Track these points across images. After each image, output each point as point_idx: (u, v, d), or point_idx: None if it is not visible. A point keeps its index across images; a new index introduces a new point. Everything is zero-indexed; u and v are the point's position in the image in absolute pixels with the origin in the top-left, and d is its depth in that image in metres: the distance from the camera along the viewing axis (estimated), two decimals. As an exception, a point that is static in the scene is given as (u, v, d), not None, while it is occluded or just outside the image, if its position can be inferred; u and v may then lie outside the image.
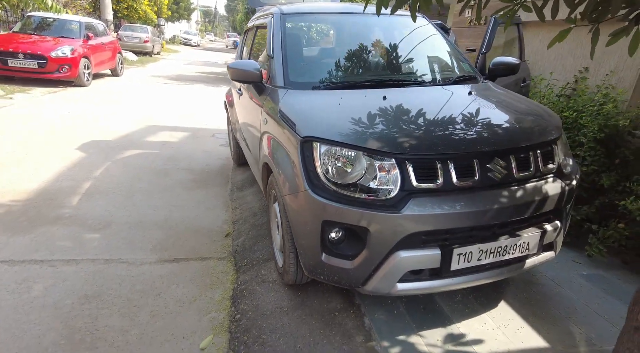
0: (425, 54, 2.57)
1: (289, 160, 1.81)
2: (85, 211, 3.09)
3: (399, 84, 2.26)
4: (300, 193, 1.68)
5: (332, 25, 2.62)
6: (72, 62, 8.31)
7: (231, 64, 2.37)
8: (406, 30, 2.68)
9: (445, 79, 2.42)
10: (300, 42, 2.54)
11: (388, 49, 2.51)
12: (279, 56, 2.34)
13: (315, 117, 1.83)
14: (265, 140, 2.22)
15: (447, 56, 2.64)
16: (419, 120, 1.79)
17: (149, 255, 2.58)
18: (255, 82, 2.37)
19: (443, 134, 1.69)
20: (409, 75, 2.44)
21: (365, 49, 2.47)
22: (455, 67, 2.57)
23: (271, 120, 2.14)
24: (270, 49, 2.43)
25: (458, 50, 2.73)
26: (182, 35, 35.13)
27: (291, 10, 2.64)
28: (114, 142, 4.97)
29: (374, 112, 1.84)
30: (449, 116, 1.83)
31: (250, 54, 3.18)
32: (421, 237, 1.58)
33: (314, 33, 2.56)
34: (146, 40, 18.16)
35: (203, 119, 6.69)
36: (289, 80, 2.22)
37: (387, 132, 1.69)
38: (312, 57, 2.40)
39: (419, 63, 2.51)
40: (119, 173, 3.95)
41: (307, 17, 2.63)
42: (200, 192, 3.68)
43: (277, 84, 2.25)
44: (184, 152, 4.81)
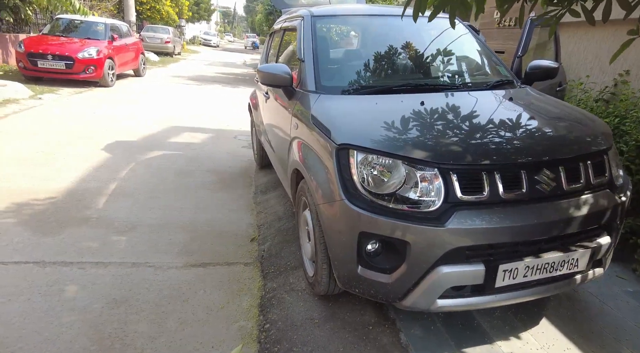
0: (461, 57, 2.48)
1: (323, 168, 1.75)
2: (111, 212, 3.11)
3: (434, 89, 2.17)
4: (335, 203, 1.62)
5: (363, 27, 2.55)
6: (98, 63, 8.47)
7: (261, 67, 2.33)
8: (439, 32, 2.59)
9: (483, 84, 2.32)
10: (332, 45, 2.48)
11: (422, 52, 2.43)
12: (309, 60, 2.29)
13: (350, 123, 1.77)
14: (296, 146, 2.17)
15: (483, 59, 2.54)
16: (461, 127, 1.70)
17: (175, 259, 2.56)
18: (285, 86, 2.32)
19: (488, 142, 1.61)
20: (445, 80, 2.35)
21: (398, 52, 2.39)
22: (491, 71, 2.47)
23: (302, 125, 2.09)
24: (301, 52, 2.38)
25: (493, 53, 2.62)
26: (202, 36, 35.61)
27: (321, 12, 2.59)
28: (138, 142, 5.01)
29: (413, 119, 1.77)
30: (492, 123, 1.74)
31: (277, 57, 3.14)
32: (465, 251, 1.49)
33: (345, 36, 2.49)
34: (167, 41, 18.45)
35: (224, 120, 6.71)
36: (321, 85, 2.17)
37: (428, 140, 1.61)
38: (343, 61, 2.34)
39: (454, 66, 2.42)
40: (143, 174, 3.97)
41: (338, 20, 2.57)
42: (223, 194, 3.66)
43: (308, 88, 2.20)
44: (207, 154, 4.82)
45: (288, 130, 2.34)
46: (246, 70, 17.27)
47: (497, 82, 2.31)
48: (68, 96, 7.55)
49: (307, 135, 1.99)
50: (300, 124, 2.11)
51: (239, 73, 15.38)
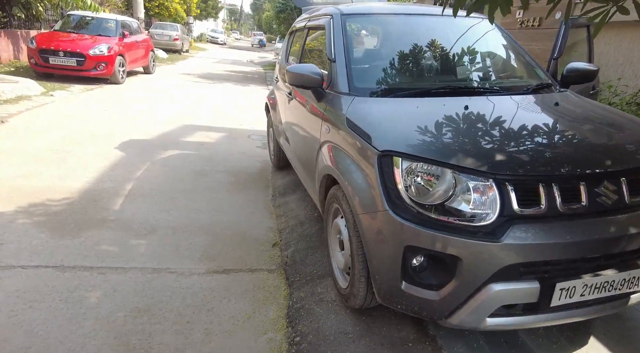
0: (498, 58, 2.37)
1: (363, 175, 1.66)
2: (129, 214, 3.03)
3: (474, 92, 2.07)
4: (378, 214, 1.53)
5: (395, 26, 2.45)
6: (109, 60, 8.42)
7: (290, 68, 2.24)
8: (473, 32, 2.48)
9: (522, 87, 2.21)
10: (364, 44, 2.38)
11: (457, 53, 2.32)
12: (341, 60, 2.19)
13: (392, 128, 1.67)
14: (327, 150, 2.08)
15: (520, 61, 2.43)
16: (512, 135, 1.60)
17: (197, 264, 2.48)
18: (315, 87, 2.22)
19: (546, 152, 1.50)
20: (485, 82, 2.25)
21: (434, 53, 2.29)
22: (529, 73, 2.36)
23: (335, 129, 1.99)
24: (331, 52, 2.28)
25: (529, 55, 2.51)
26: (209, 33, 35.57)
27: (352, 10, 2.49)
28: (152, 141, 4.94)
29: (459, 124, 1.67)
30: (545, 131, 1.64)
31: (300, 57, 3.05)
32: (519, 268, 1.40)
33: (378, 35, 2.39)
34: (176, 38, 18.41)
35: (237, 119, 6.63)
36: (354, 86, 2.07)
37: (480, 148, 1.51)
38: (376, 61, 2.24)
39: (493, 68, 2.31)
40: (159, 174, 3.89)
41: (369, 18, 2.47)
42: (241, 196, 3.58)
43: (340, 90, 2.10)
44: (222, 153, 4.74)
45: (317, 133, 2.25)
46: (255, 68, 17.19)
47: (538, 85, 2.20)
48: (79, 93, 7.50)
49: (342, 139, 1.90)
50: (333, 128, 2.02)
51: (248, 71, 15.31)
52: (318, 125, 2.23)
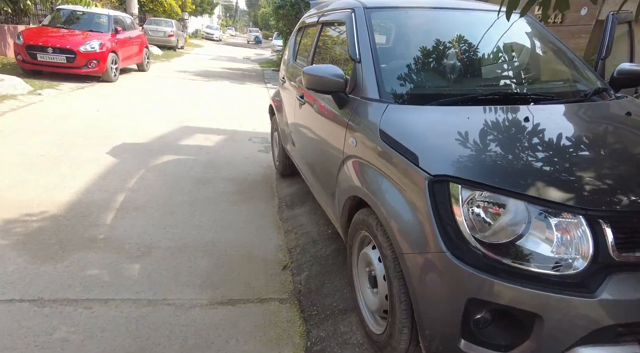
0: (545, 58, 2.07)
1: (407, 203, 1.35)
2: (121, 232, 2.71)
3: (528, 99, 1.77)
4: (432, 256, 1.22)
5: (428, 22, 2.14)
6: (100, 57, 8.04)
7: (307, 69, 1.92)
8: (515, 29, 2.18)
9: (578, 92, 1.91)
10: (393, 42, 2.07)
11: (503, 53, 2.02)
12: (368, 60, 1.88)
13: (443, 145, 1.37)
14: (354, 167, 1.77)
15: (569, 62, 2.13)
16: (596, 155, 1.30)
17: (198, 293, 2.17)
18: (337, 92, 1.91)
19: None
20: (536, 87, 1.95)
21: (475, 52, 1.98)
22: (581, 76, 2.06)
23: (364, 142, 1.68)
24: (355, 51, 1.96)
25: (576, 55, 2.22)
26: (205, 29, 35.02)
27: (376, 3, 2.17)
28: (147, 145, 4.60)
29: (524, 141, 1.37)
30: (631, 151, 1.34)
31: (312, 56, 2.73)
32: (617, 328, 1.10)
33: (407, 32, 2.08)
34: (171, 35, 17.98)
35: (236, 120, 6.30)
36: (386, 92, 1.76)
37: (561, 174, 1.21)
38: (409, 62, 1.93)
39: (544, 71, 2.01)
40: (155, 183, 3.57)
41: (396, 12, 2.15)
42: (245, 208, 3.26)
43: (368, 95, 1.79)
44: (223, 158, 4.41)
45: (339, 145, 1.94)
46: (252, 65, 16.82)
47: (596, 90, 1.90)
48: (69, 92, 7.12)
49: (375, 156, 1.59)
50: (361, 141, 1.71)
51: (245, 68, 14.93)
52: (340, 137, 1.92)
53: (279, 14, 11.51)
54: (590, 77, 2.06)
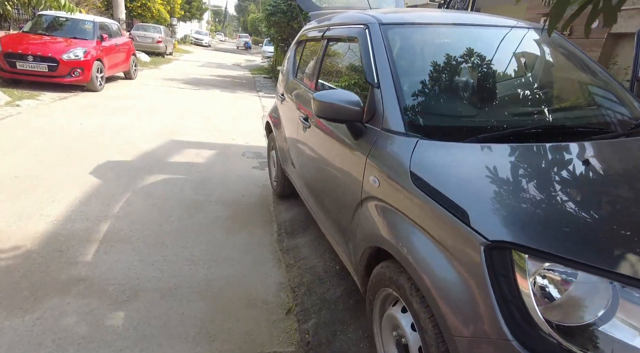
0: (584, 82, 1.86)
1: (453, 269, 1.11)
2: (104, 270, 2.41)
3: (576, 133, 1.54)
4: (495, 345, 0.98)
5: (452, 41, 1.92)
6: (85, 65, 7.69)
7: (319, 96, 1.67)
8: (546, 49, 1.97)
9: (627, 123, 1.70)
10: (414, 65, 1.83)
11: (542, 77, 1.80)
12: (388, 86, 1.64)
13: (499, 200, 1.12)
14: (377, 212, 1.52)
15: (609, 86, 1.92)
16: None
17: (192, 348, 1.89)
18: (354, 121, 1.67)
19: None
20: (583, 117, 1.73)
21: (510, 77, 1.76)
22: (625, 102, 1.85)
23: (391, 185, 1.44)
24: (372, 74, 1.73)
25: (612, 76, 2.01)
26: (194, 35, 34.66)
27: (393, 19, 1.94)
28: (134, 162, 4.29)
29: (597, 193, 1.14)
30: None
31: (317, 74, 2.48)
32: None
33: (430, 52, 1.85)
34: (159, 41, 17.61)
35: (228, 133, 6.02)
36: (412, 124, 1.52)
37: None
38: (437, 88, 1.70)
39: (584, 96, 1.80)
40: (143, 208, 3.27)
41: (416, 30, 1.92)
42: (242, 237, 2.99)
43: (390, 127, 1.55)
44: (215, 177, 4.13)
45: (357, 182, 1.69)
46: (242, 72, 16.55)
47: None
48: (51, 103, 6.76)
49: (405, 203, 1.35)
50: (386, 182, 1.46)
51: (235, 76, 14.65)
52: (358, 172, 1.67)
53: (271, 20, 11.27)
54: (632, 102, 1.86)
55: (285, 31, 11.78)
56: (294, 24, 10.95)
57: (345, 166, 1.82)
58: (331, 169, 1.99)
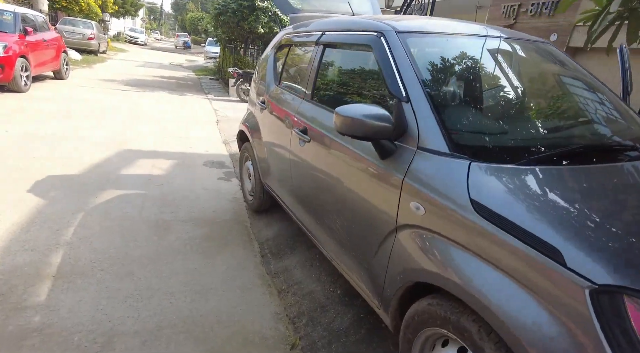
0: (606, 97, 1.85)
1: (543, 312, 0.98)
2: (64, 314, 2.00)
3: (613, 150, 1.51)
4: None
5: (476, 53, 1.82)
6: (6, 62, 6.72)
7: (342, 110, 1.49)
8: (565, 63, 1.95)
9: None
10: (444, 77, 1.70)
11: (574, 91, 1.76)
12: (420, 99, 1.50)
13: (597, 235, 1.01)
14: (420, 241, 1.36)
15: (621, 102, 1.94)
16: None
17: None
18: (383, 139, 1.50)
19: None
20: (619, 134, 1.69)
21: (547, 90, 1.70)
22: (633, 119, 1.87)
23: (442, 211, 1.29)
24: (399, 87, 1.57)
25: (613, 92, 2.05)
26: (128, 32, 32.42)
27: (408, 27, 1.81)
28: (81, 178, 3.75)
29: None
30: None
31: (313, 86, 2.27)
32: None
33: (455, 64, 1.74)
34: (91, 37, 16.13)
35: (184, 139, 5.56)
36: (457, 143, 1.39)
37: None
38: (478, 103, 1.58)
39: (613, 113, 1.78)
40: (101, 232, 2.82)
41: (436, 40, 1.80)
42: (222, 260, 2.68)
43: (429, 146, 1.41)
44: (178, 191, 3.73)
45: (388, 208, 1.52)
46: (186, 73, 15.72)
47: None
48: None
49: (467, 234, 1.20)
50: (436, 209, 1.31)
51: (180, 77, 13.84)
52: (390, 198, 1.50)
53: (220, 20, 10.76)
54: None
55: (234, 32, 11.34)
56: (244, 24, 10.58)
57: (368, 188, 1.64)
58: (346, 190, 1.80)
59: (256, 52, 12.68)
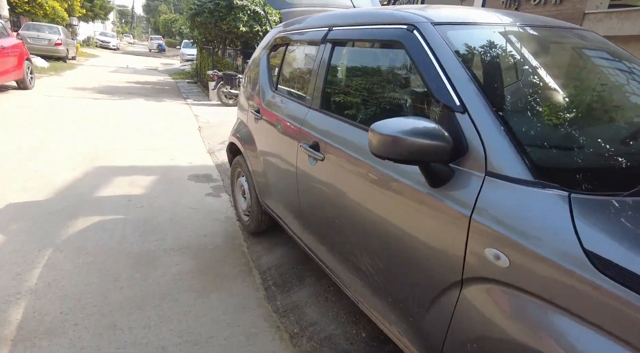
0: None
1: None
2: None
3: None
4: None
5: (536, 48, 1.48)
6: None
7: (380, 127, 1.13)
8: (616, 54, 1.65)
9: None
10: (509, 79, 1.36)
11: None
12: (482, 109, 1.16)
13: None
14: (502, 301, 1.02)
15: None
16: None
17: None
18: (436, 161, 1.16)
19: None
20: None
21: (629, 92, 1.38)
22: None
23: (538, 265, 0.94)
24: (447, 92, 1.23)
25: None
26: (99, 37, 31.23)
27: (447, 18, 1.46)
28: (49, 203, 3.28)
29: None
30: None
31: (322, 92, 1.90)
32: None
33: (517, 62, 1.40)
34: (58, 43, 15.29)
35: (164, 151, 5.11)
36: (544, 165, 1.06)
37: None
38: (562, 114, 1.24)
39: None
40: (74, 272, 2.39)
41: (483, 33, 1.44)
42: (219, 299, 2.29)
43: (503, 170, 1.07)
44: (162, 213, 3.31)
45: (444, 253, 1.17)
46: (162, 77, 15.09)
47: None
48: None
49: (577, 296, 0.87)
50: (528, 260, 0.97)
51: (156, 81, 13.23)
52: (448, 238, 1.16)
53: (196, 21, 10.24)
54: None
55: (212, 32, 10.83)
56: (222, 24, 10.08)
57: (413, 224, 1.29)
58: (380, 224, 1.44)
59: (234, 53, 12.19)
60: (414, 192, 1.27)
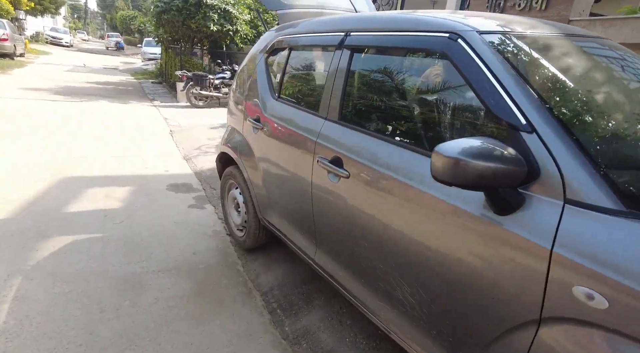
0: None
1: None
2: None
3: None
4: None
5: (588, 60, 1.41)
6: None
7: (446, 149, 1.01)
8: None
9: None
10: (575, 94, 1.26)
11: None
12: (555, 129, 1.06)
13: None
14: (593, 346, 0.91)
15: None
16: None
17: None
18: (505, 186, 1.04)
19: None
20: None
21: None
22: None
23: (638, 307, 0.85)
24: (509, 110, 1.12)
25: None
26: (49, 32, 29.23)
27: (491, 27, 1.36)
28: (14, 222, 2.90)
29: None
30: None
31: (340, 104, 1.74)
32: None
33: (580, 75, 1.31)
34: (4, 38, 14.14)
35: (137, 158, 4.75)
36: (628, 194, 0.96)
37: None
38: (632, 130, 1.16)
39: None
40: (50, 304, 2.09)
41: (531, 43, 1.34)
42: (220, 326, 2.08)
43: (587, 198, 0.97)
44: (146, 229, 3.02)
45: (519, 288, 1.06)
46: (124, 77, 14.31)
47: None
48: None
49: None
50: (629, 301, 0.87)
51: (118, 82, 12.50)
52: (523, 273, 1.04)
53: (162, 19, 9.74)
54: None
55: (179, 31, 10.36)
56: (191, 23, 9.66)
57: (475, 255, 1.16)
58: (428, 253, 1.31)
59: (201, 52, 11.74)
60: (476, 220, 1.14)
